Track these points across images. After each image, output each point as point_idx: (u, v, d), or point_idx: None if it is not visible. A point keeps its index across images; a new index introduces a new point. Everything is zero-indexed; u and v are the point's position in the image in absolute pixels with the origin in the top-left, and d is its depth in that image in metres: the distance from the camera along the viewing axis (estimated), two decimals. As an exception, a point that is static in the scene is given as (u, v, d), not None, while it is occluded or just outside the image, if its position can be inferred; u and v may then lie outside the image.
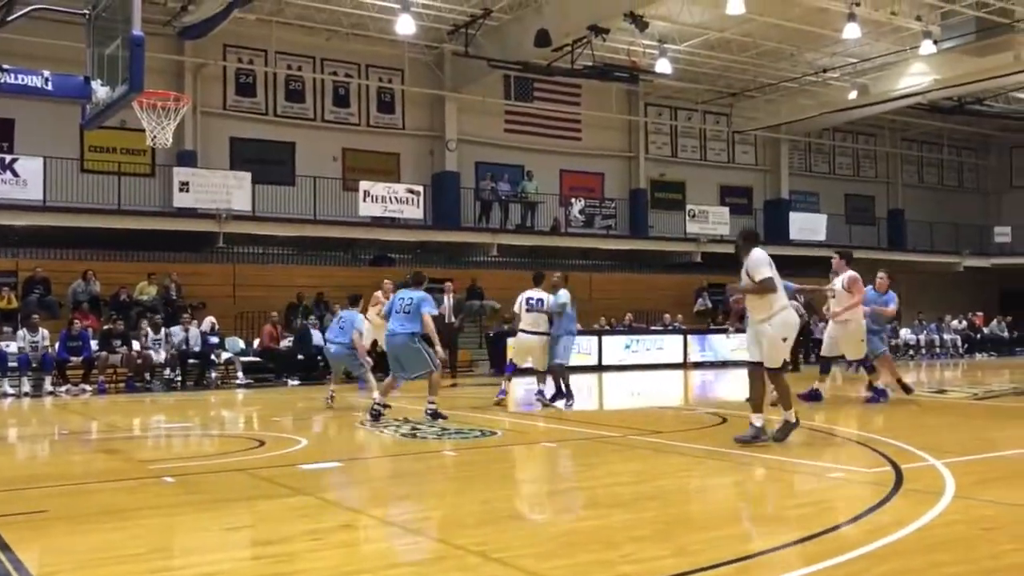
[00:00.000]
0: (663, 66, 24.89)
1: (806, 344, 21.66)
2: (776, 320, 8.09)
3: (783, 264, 9.90)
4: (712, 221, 29.18)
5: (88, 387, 16.70)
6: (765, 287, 8.12)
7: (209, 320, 19.29)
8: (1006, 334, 29.81)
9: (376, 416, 10.70)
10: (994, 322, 29.95)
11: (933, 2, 22.90)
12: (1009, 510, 5.61)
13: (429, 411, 10.75)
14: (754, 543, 5.01)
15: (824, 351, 12.78)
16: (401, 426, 10.33)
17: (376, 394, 11.20)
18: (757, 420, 8.08)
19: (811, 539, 4.91)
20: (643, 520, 5.60)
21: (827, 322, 12.73)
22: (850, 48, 25.71)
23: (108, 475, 7.53)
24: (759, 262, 8.16)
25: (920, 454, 7.39)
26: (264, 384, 18.43)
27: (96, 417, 12.87)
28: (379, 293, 16.00)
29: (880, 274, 12.83)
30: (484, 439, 9.46)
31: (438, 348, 10.84)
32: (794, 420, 8.16)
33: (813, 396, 12.30)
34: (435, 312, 10.93)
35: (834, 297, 12.20)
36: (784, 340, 8.17)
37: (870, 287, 12.49)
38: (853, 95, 28.19)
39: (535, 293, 12.57)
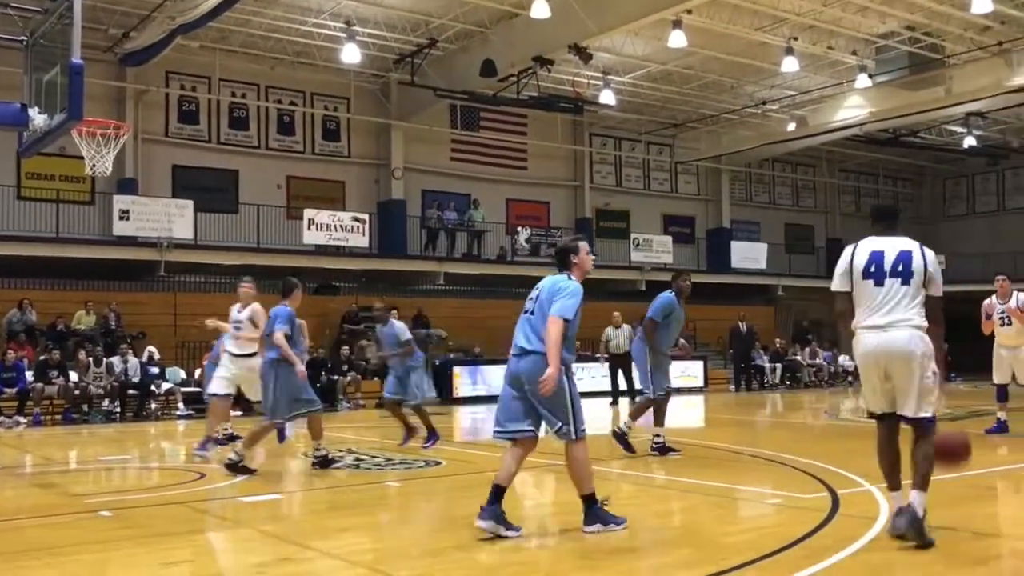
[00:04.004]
0: (607, 97, 25.23)
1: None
2: None
3: (725, 292, 10.11)
4: (656, 250, 29.52)
5: (23, 419, 16.27)
6: None
7: (149, 350, 18.98)
8: (941, 360, 30.51)
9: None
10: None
11: (868, 37, 23.55)
12: (941, 533, 5.74)
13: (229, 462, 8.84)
14: (695, 570, 5.07)
15: (998, 379, 11.68)
16: (344, 457, 10.24)
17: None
18: None
19: (751, 564, 4.98)
20: (587, 549, 5.62)
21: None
22: (789, 81, 26.30)
23: (42, 510, 7.36)
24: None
25: (856, 479, 7.53)
26: (205, 415, 18.11)
27: (30, 450, 12.57)
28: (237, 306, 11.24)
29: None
30: (428, 469, 9.43)
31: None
32: None
33: (1000, 428, 11.54)
34: (286, 329, 8.76)
35: (1007, 325, 11.34)
36: None
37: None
38: (792, 127, 28.83)
39: None
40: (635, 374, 10.65)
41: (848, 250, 5.70)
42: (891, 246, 5.49)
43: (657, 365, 9.83)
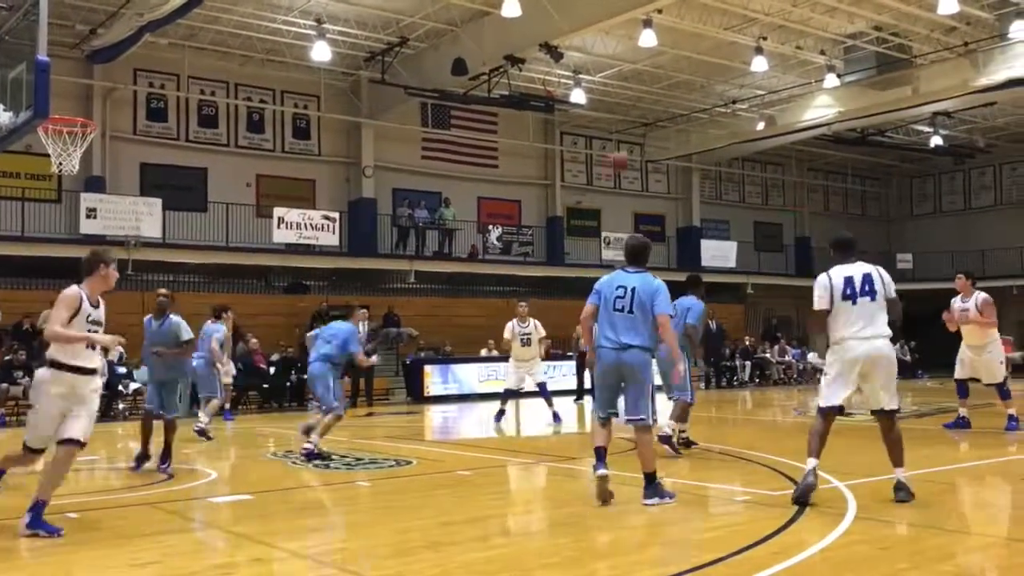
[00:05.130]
0: (578, 96, 25.29)
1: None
2: None
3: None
4: (627, 248, 29.60)
5: (-13, 420, 16.08)
6: None
7: (117, 349, 18.78)
8: (908, 357, 30.82)
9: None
10: (897, 346, 30.98)
11: (836, 37, 23.76)
12: (906, 529, 5.82)
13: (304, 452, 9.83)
14: (665, 568, 5.10)
15: (958, 374, 11.87)
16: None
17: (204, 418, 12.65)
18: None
19: (720, 562, 5.02)
20: (556, 547, 5.64)
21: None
22: (758, 80, 26.48)
23: (6, 512, 7.24)
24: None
25: (824, 476, 7.59)
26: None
27: (-5, 452, 12.38)
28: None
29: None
30: (398, 469, 9.41)
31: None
32: None
33: (959, 424, 11.75)
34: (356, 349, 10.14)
35: (967, 323, 11.45)
36: None
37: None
38: (761, 126, 29.02)
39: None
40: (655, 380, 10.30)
41: (824, 277, 6.79)
42: (856, 271, 6.71)
43: (687, 370, 9.68)
